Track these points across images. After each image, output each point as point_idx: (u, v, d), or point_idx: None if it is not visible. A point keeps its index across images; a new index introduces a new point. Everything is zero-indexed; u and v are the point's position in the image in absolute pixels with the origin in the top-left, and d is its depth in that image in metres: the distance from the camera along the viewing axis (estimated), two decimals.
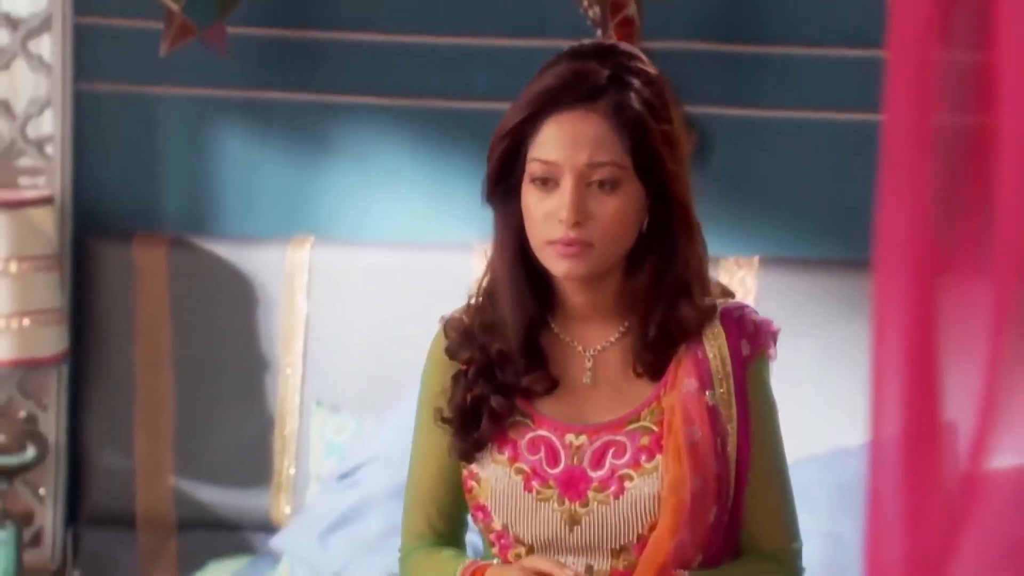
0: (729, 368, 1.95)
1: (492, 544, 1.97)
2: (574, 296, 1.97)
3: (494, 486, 1.94)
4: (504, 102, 2.02)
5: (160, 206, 3.60)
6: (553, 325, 1.98)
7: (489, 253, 1.99)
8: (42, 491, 3.63)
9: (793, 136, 3.51)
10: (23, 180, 3.64)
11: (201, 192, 3.59)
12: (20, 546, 3.51)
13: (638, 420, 1.94)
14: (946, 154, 1.13)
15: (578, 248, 1.89)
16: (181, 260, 3.51)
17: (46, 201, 3.53)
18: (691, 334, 1.95)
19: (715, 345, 1.96)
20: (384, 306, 3.48)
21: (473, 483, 1.96)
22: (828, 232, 3.57)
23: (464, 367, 1.98)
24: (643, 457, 1.92)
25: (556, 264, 1.91)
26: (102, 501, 3.56)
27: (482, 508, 1.96)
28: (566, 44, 2.00)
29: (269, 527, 3.45)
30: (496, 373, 1.96)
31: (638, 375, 1.96)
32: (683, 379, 1.94)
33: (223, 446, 3.50)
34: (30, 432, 3.56)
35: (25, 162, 3.61)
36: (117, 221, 3.60)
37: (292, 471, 3.47)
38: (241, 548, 3.47)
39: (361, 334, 3.45)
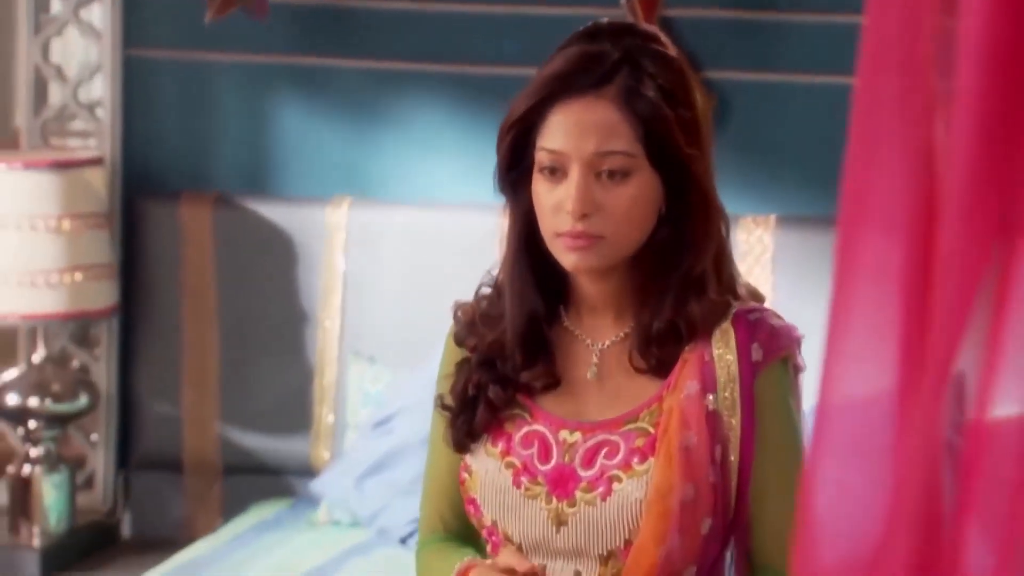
0: (736, 372, 1.76)
1: (486, 540, 1.84)
2: (586, 288, 1.82)
3: (483, 479, 1.81)
4: (536, 69, 1.98)
5: (206, 167, 3.62)
6: (564, 318, 1.84)
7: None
8: (94, 437, 3.67)
9: (809, 100, 3.51)
10: (75, 142, 3.68)
11: (245, 154, 3.61)
12: (74, 488, 3.55)
13: (636, 420, 1.79)
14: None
15: (587, 241, 1.74)
16: (225, 219, 3.54)
17: (97, 162, 3.54)
18: (699, 333, 1.78)
19: (723, 347, 1.77)
20: (418, 263, 3.50)
21: (466, 475, 1.83)
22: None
23: (469, 355, 1.85)
24: (635, 459, 1.76)
25: (565, 257, 1.77)
26: (151, 447, 3.60)
27: (473, 502, 1.83)
28: (599, 12, 1.95)
29: (309, 472, 3.48)
30: (497, 364, 1.82)
31: (640, 372, 1.80)
32: (685, 380, 1.77)
33: (266, 395, 3.53)
34: (83, 381, 3.59)
35: (77, 125, 3.66)
36: (165, 181, 3.63)
37: (330, 419, 3.50)
38: (282, 492, 3.51)
39: (396, 290, 3.46)
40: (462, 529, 1.87)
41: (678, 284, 1.77)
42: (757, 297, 1.84)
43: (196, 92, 3.62)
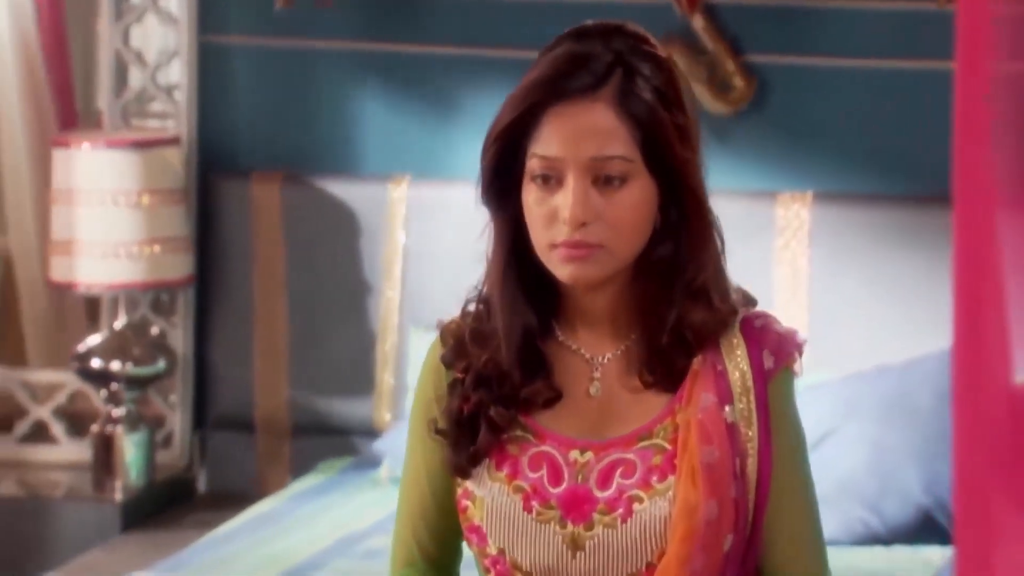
0: (750, 382, 1.64)
1: (487, 571, 1.67)
2: (581, 301, 1.66)
3: (490, 505, 1.64)
4: None
5: (275, 147, 3.71)
6: (558, 331, 1.68)
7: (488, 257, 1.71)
8: (172, 398, 3.74)
9: (844, 82, 3.58)
10: (153, 123, 3.77)
11: (312, 134, 3.69)
12: (153, 447, 3.64)
13: (650, 437, 1.65)
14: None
15: (586, 251, 1.60)
16: (293, 195, 3.63)
17: (174, 142, 3.62)
18: (707, 343, 1.64)
19: (735, 356, 1.65)
20: (472, 237, 3.61)
21: (467, 502, 1.66)
22: (878, 169, 3.63)
23: (461, 375, 1.67)
24: (654, 477, 1.63)
25: (562, 269, 1.62)
26: (225, 408, 3.69)
27: (476, 530, 1.66)
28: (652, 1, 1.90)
29: (371, 432, 3.56)
30: (494, 383, 1.66)
31: (647, 386, 1.65)
32: (700, 393, 1.63)
33: (331, 360, 3.62)
34: (161, 346, 3.68)
35: (155, 107, 3.75)
36: (237, 160, 3.72)
37: (392, 382, 3.59)
38: (347, 450, 3.59)
39: (452, 262, 3.52)
40: (443, 559, 1.73)
41: (681, 294, 1.64)
42: (750, 301, 1.71)
43: (267, 76, 3.71)
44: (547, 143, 1.62)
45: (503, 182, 1.66)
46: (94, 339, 3.66)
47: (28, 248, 3.86)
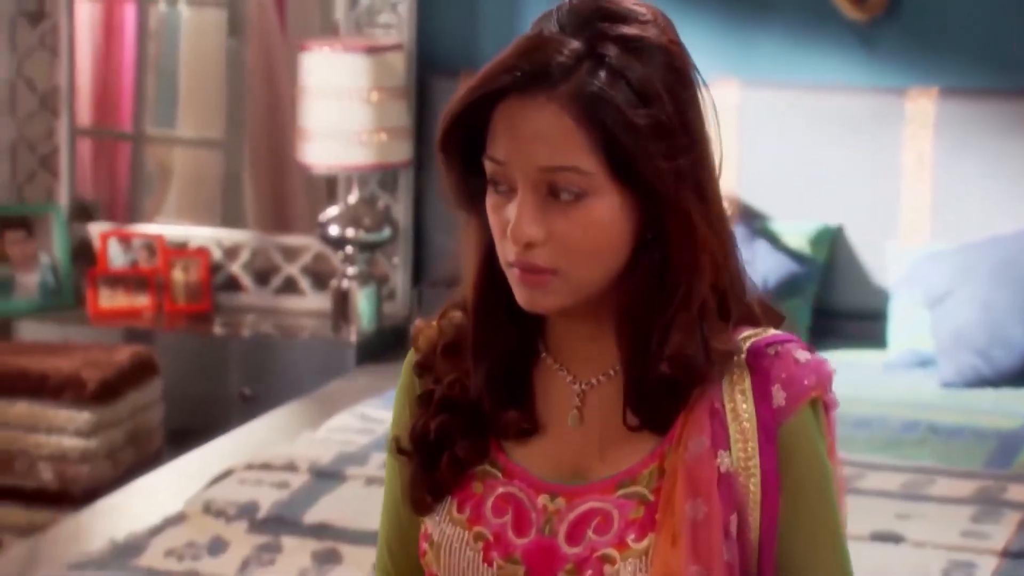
0: (754, 422, 1.26)
1: None
2: (558, 321, 1.31)
3: (447, 559, 1.31)
4: None
5: (479, 51, 4.00)
6: (543, 348, 1.32)
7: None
8: (395, 260, 4.08)
9: None
10: (380, 32, 4.10)
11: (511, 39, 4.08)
12: (380, 299, 3.99)
13: (633, 483, 1.28)
14: None
15: (539, 276, 1.25)
16: None
17: (397, 47, 3.93)
18: (704, 376, 1.26)
19: (736, 392, 1.27)
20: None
21: (426, 546, 1.33)
22: (997, 67, 3.81)
23: (433, 388, 1.34)
24: (631, 535, 1.26)
25: (517, 291, 1.26)
26: (437, 268, 3.98)
27: None
28: None
29: None
30: (462, 407, 1.32)
31: (632, 429, 1.28)
32: (691, 435, 1.26)
33: None
34: (386, 217, 3.99)
35: (382, 19, 4.08)
36: (448, 61, 4.01)
37: None
38: None
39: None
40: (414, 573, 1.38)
41: (672, 319, 1.26)
42: (774, 318, 1.32)
43: None
44: (495, 144, 1.25)
45: (473, 177, 1.29)
46: (332, 211, 3.99)
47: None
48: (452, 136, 1.28)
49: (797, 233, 3.89)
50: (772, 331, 1.30)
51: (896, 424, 3.37)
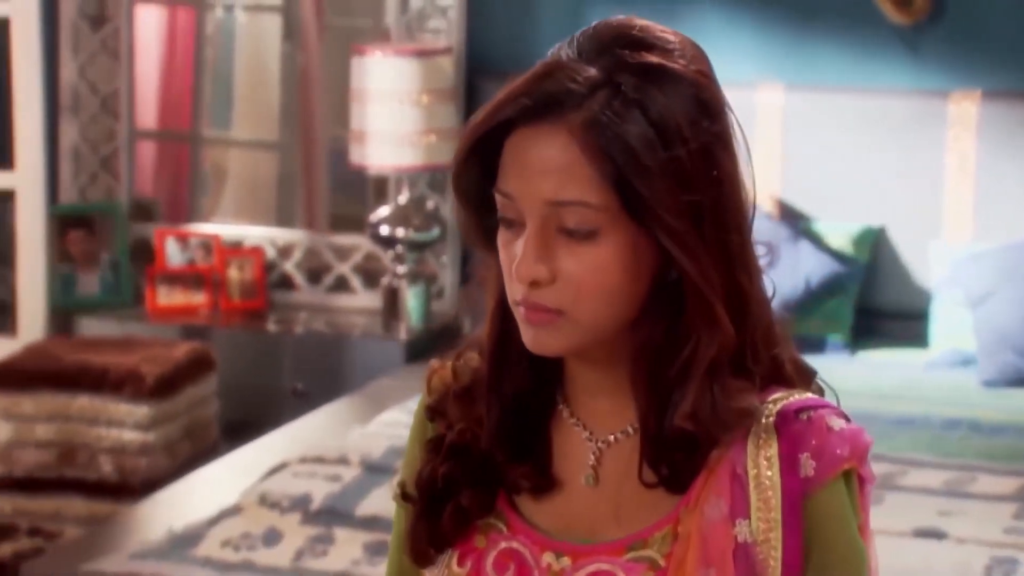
0: (778, 492, 1.17)
1: None
2: (575, 368, 1.23)
3: None
4: None
5: (528, 54, 3.99)
6: (560, 401, 1.24)
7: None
8: (444, 259, 4.13)
9: None
10: (430, 36, 4.16)
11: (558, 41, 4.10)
12: (429, 297, 4.03)
13: (644, 546, 1.20)
14: None
15: (542, 316, 1.16)
16: None
17: (447, 51, 3.97)
18: (717, 436, 1.17)
19: (762, 457, 1.17)
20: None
21: None
22: None
23: (443, 433, 1.26)
24: None
25: (523, 332, 1.18)
26: (485, 267, 4.13)
27: None
28: None
29: None
30: (472, 456, 1.25)
31: (648, 486, 1.20)
32: (709, 498, 1.18)
33: None
34: (435, 217, 4.02)
35: (432, 23, 4.15)
36: (497, 64, 4.04)
37: None
38: None
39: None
40: None
41: (693, 371, 1.17)
42: (807, 377, 1.22)
43: None
44: (504, 177, 1.17)
45: (489, 213, 1.20)
46: (383, 211, 4.04)
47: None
48: (465, 171, 1.20)
49: (840, 234, 3.91)
50: (806, 394, 1.20)
51: (938, 422, 3.38)
